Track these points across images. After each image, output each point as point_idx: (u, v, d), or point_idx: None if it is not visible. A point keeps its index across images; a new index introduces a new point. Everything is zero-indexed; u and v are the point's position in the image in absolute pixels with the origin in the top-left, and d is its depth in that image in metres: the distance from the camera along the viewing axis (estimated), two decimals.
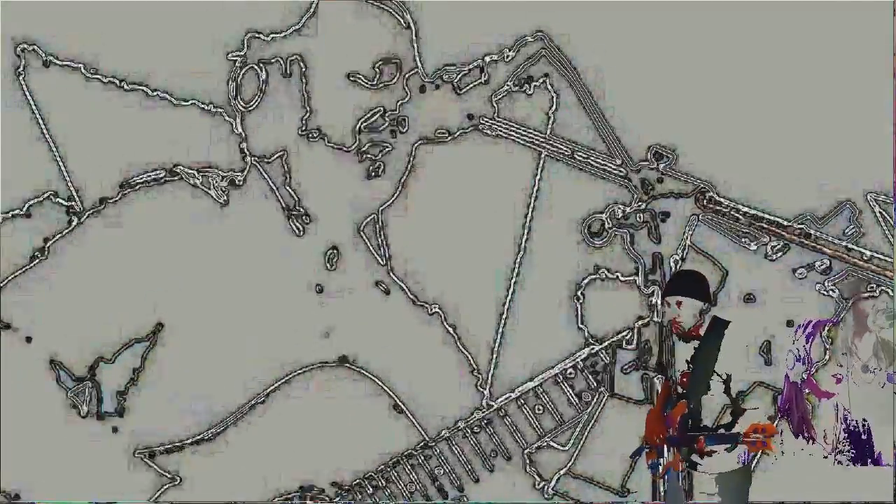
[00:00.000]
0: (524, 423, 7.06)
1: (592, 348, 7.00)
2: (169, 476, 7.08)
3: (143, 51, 7.13)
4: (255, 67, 7.07)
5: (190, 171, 7.07)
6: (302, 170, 7.11)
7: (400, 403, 7.02)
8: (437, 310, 7.06)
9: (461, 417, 7.05)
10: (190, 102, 7.11)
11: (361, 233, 7.06)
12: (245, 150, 7.08)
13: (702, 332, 5.48)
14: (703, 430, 5.42)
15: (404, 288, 7.07)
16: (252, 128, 7.11)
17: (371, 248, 7.06)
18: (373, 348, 7.08)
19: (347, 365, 7.04)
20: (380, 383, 7.04)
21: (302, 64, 7.06)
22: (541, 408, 7.02)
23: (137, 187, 7.10)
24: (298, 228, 7.06)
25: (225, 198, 7.07)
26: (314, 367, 7.07)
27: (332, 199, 7.10)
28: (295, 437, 7.09)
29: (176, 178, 7.09)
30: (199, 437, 7.07)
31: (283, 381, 7.06)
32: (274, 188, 7.08)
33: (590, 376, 7.01)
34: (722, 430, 5.41)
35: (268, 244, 7.12)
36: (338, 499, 7.03)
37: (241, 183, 7.08)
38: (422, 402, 7.07)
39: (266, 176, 7.08)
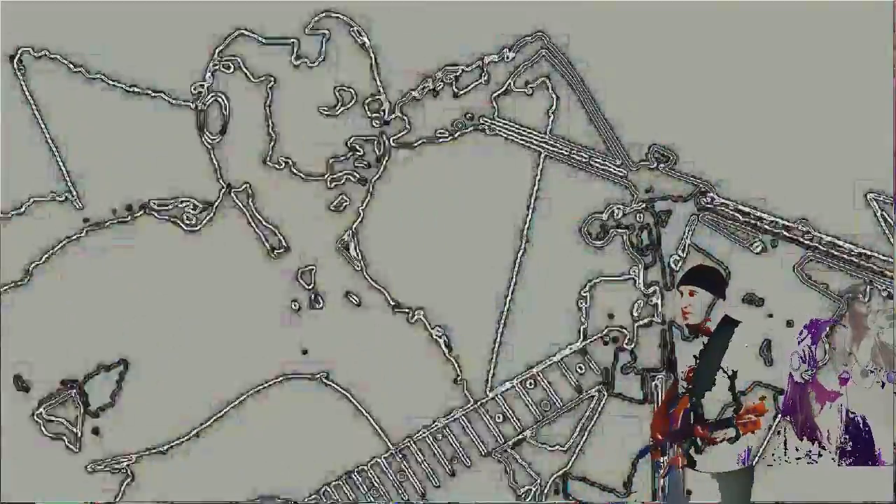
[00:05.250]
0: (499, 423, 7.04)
1: (566, 351, 6.99)
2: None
3: (132, 57, 7.10)
4: (219, 100, 7.02)
5: (161, 207, 7.01)
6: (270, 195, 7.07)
7: (362, 410, 6.98)
8: (420, 316, 7.03)
9: (426, 425, 7.01)
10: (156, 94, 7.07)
11: (347, 236, 7.01)
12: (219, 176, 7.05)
13: (711, 328, 5.50)
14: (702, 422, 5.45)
15: (385, 293, 7.03)
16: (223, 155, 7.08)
17: (348, 258, 7.03)
18: (352, 359, 7.04)
19: (326, 382, 7.00)
20: (350, 396, 7.01)
21: (269, 92, 7.02)
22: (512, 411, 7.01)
23: (106, 224, 7.05)
24: (275, 251, 7.01)
25: (195, 224, 7.02)
26: (276, 381, 7.02)
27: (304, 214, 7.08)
28: (254, 450, 7.04)
29: (144, 212, 7.04)
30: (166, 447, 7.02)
31: (247, 394, 7.00)
32: (247, 213, 7.02)
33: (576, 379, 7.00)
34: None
35: (242, 268, 7.07)
36: None
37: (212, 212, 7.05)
38: (396, 409, 7.04)
39: (238, 202, 7.02)
